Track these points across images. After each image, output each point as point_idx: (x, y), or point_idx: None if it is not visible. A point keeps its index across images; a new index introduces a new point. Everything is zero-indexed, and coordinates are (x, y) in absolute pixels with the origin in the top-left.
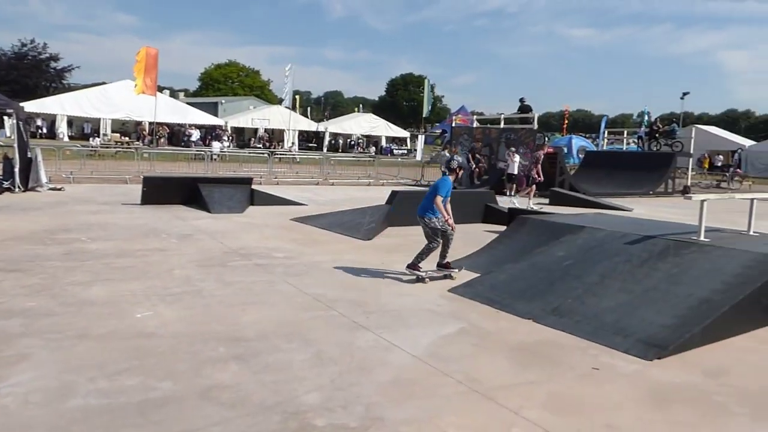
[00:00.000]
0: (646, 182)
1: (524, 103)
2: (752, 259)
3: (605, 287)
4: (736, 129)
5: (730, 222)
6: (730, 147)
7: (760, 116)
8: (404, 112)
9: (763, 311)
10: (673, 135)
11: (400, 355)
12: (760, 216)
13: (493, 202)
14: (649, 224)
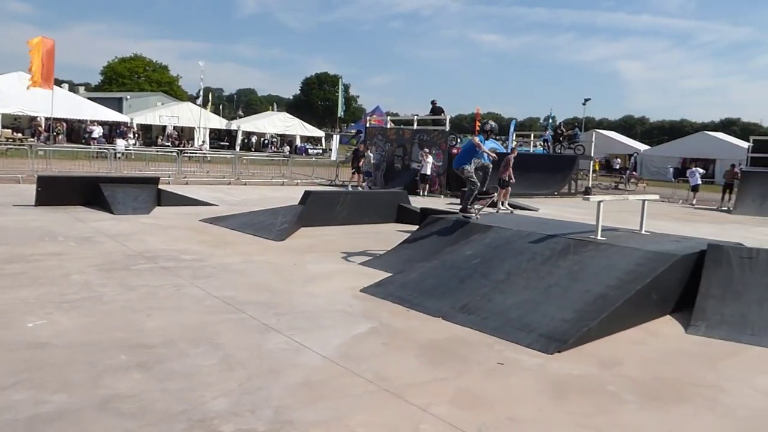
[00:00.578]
0: (552, 183)
1: (436, 105)
2: (643, 257)
3: (511, 284)
4: (632, 134)
5: (624, 221)
6: (627, 151)
7: (654, 122)
8: (319, 111)
9: (653, 305)
10: (576, 139)
11: (311, 357)
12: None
13: (406, 203)
14: (552, 224)
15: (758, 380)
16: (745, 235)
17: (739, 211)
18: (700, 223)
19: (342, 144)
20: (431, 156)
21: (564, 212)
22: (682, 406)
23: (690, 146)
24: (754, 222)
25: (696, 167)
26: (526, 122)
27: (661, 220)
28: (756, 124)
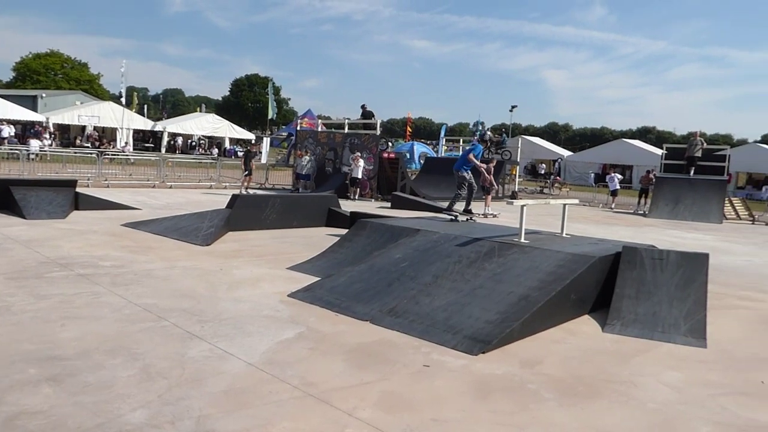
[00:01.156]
0: (480, 187)
1: (366, 109)
2: (563, 259)
3: (438, 287)
4: (556, 140)
5: (548, 224)
6: (551, 156)
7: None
8: (250, 113)
9: (572, 305)
10: (503, 144)
11: (236, 364)
12: (572, 219)
13: (336, 206)
14: (478, 227)
15: (666, 375)
16: (658, 237)
17: (654, 215)
18: (618, 226)
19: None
20: (362, 160)
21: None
22: (597, 402)
23: (609, 153)
24: (667, 225)
25: (615, 173)
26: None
27: (582, 223)
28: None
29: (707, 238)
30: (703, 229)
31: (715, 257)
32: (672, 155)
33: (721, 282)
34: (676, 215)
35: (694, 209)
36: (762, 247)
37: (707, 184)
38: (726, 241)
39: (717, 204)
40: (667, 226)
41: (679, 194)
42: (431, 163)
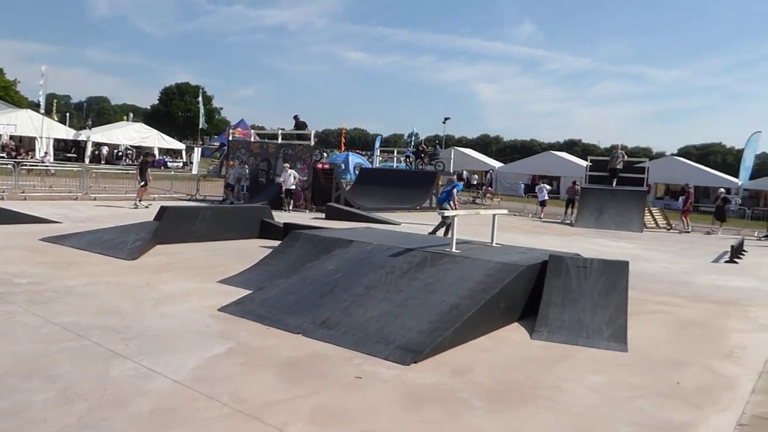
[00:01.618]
0: (414, 198)
1: (299, 119)
2: (492, 268)
3: (371, 298)
4: (488, 152)
5: (479, 234)
6: (483, 167)
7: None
8: (180, 122)
9: (502, 313)
10: (436, 155)
11: (162, 382)
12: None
13: (269, 218)
14: (412, 237)
15: (590, 379)
16: (584, 246)
17: (580, 224)
18: (547, 235)
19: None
20: (295, 170)
21: (424, 226)
22: (525, 408)
23: (538, 164)
24: (593, 234)
25: (543, 184)
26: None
27: (512, 232)
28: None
29: (629, 247)
30: (625, 238)
31: (636, 265)
32: (596, 167)
33: (641, 288)
34: (600, 224)
35: (617, 219)
36: (679, 255)
37: (628, 194)
38: (646, 249)
39: (638, 214)
40: (593, 235)
41: (603, 204)
42: (366, 174)
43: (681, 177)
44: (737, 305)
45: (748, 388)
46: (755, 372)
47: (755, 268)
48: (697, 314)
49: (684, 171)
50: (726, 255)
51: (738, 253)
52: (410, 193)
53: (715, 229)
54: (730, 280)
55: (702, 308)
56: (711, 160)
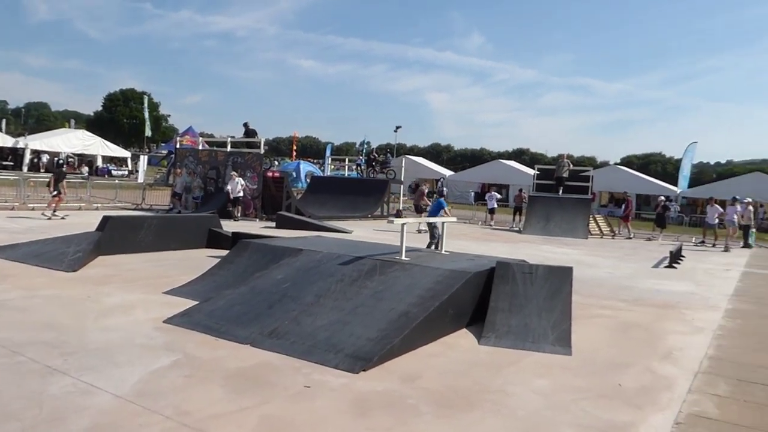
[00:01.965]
0: (365, 206)
1: (249, 127)
2: (441, 275)
3: (320, 306)
4: (439, 160)
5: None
6: (434, 176)
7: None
8: (125, 130)
9: (450, 320)
10: (387, 164)
11: (102, 398)
12: (453, 236)
13: (218, 227)
14: (362, 245)
15: (535, 383)
16: (531, 252)
17: (528, 231)
18: (496, 243)
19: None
20: (244, 179)
21: (375, 234)
22: (472, 413)
23: (488, 173)
24: (540, 240)
25: (493, 191)
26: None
27: (462, 240)
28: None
29: (574, 253)
30: (571, 244)
31: (581, 270)
32: (543, 175)
33: (585, 293)
34: (547, 231)
35: (563, 225)
36: (621, 260)
37: (574, 202)
38: (590, 255)
39: (583, 221)
40: (540, 242)
41: (549, 212)
42: (317, 183)
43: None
44: (675, 308)
45: (685, 387)
46: (691, 372)
47: (692, 273)
48: (638, 318)
49: (626, 179)
50: (665, 260)
51: (676, 258)
52: (362, 201)
53: (656, 235)
54: (668, 285)
55: (643, 312)
56: (652, 169)
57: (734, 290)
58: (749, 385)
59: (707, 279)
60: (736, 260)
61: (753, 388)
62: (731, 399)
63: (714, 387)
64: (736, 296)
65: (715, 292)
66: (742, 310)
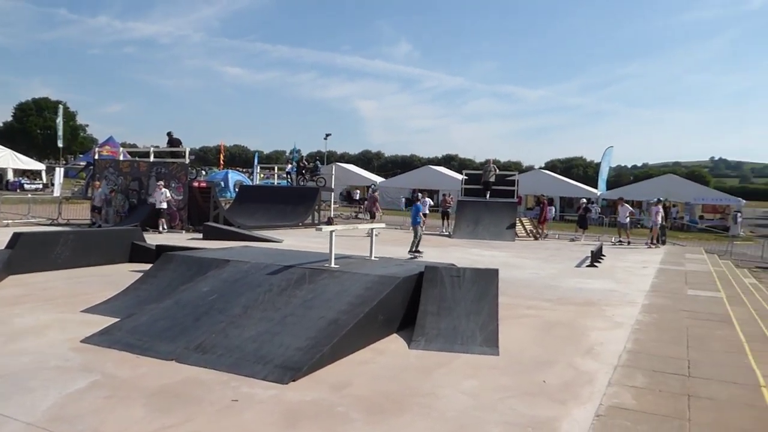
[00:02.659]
0: (296, 215)
1: (173, 136)
2: (371, 281)
3: (248, 318)
4: (370, 167)
5: (362, 248)
6: (365, 183)
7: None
8: (39, 141)
9: (380, 325)
10: (317, 171)
11: (12, 427)
12: (384, 242)
13: (141, 240)
14: (292, 254)
15: (464, 384)
16: (461, 256)
17: (457, 235)
18: (426, 247)
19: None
20: (168, 189)
21: (306, 242)
22: (402, 416)
23: (418, 178)
24: (469, 244)
25: (426, 197)
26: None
27: (394, 245)
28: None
29: (502, 255)
30: (498, 247)
31: (507, 272)
32: (471, 180)
33: (511, 294)
34: (476, 235)
35: (491, 229)
36: (546, 261)
37: (501, 206)
38: (517, 257)
39: (510, 224)
40: (469, 246)
41: (478, 216)
42: (246, 192)
43: (548, 189)
44: (596, 305)
45: (605, 381)
46: (611, 366)
47: (611, 271)
48: (561, 316)
49: (550, 183)
50: (587, 260)
51: (597, 257)
52: (292, 209)
53: (579, 236)
54: (590, 283)
55: (566, 310)
56: (574, 173)
57: (650, 286)
58: (664, 375)
59: (626, 276)
60: (653, 258)
61: (667, 379)
62: (648, 390)
63: (632, 379)
64: (652, 292)
65: (633, 288)
66: (658, 305)
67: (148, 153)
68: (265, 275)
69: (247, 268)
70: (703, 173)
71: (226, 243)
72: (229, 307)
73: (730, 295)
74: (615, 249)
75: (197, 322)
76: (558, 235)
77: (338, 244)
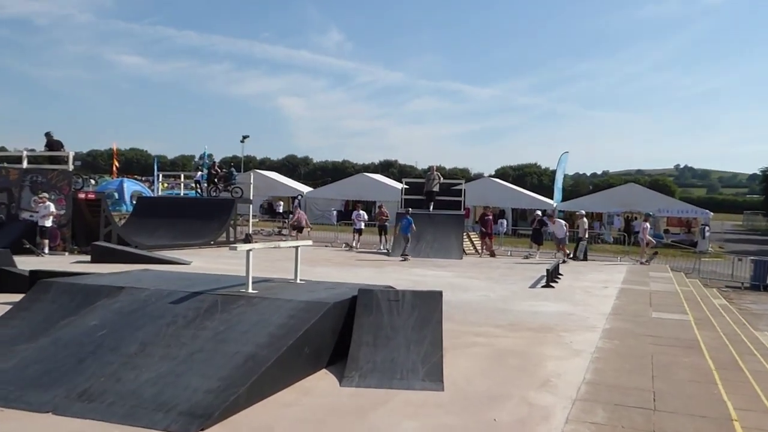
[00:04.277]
0: (207, 231)
1: (52, 138)
2: (295, 308)
3: (146, 356)
4: (296, 174)
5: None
6: (290, 193)
7: (317, 163)
8: None
9: (307, 360)
10: (232, 180)
11: None
12: (311, 262)
13: (10, 265)
14: (201, 278)
15: (404, 425)
16: (401, 277)
17: (396, 253)
18: (361, 267)
19: None
20: (51, 202)
21: (219, 264)
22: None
23: (352, 188)
24: (410, 263)
25: (362, 210)
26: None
27: (323, 266)
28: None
29: (447, 275)
30: (444, 266)
31: (454, 294)
32: (412, 190)
33: (458, 320)
34: (418, 252)
35: (435, 245)
36: (497, 282)
37: (446, 219)
38: (465, 277)
39: (456, 239)
40: (411, 265)
41: (420, 230)
42: (146, 205)
43: (498, 199)
44: (552, 331)
45: (563, 417)
46: (569, 400)
47: (569, 292)
48: (514, 344)
49: (501, 193)
50: (543, 280)
51: (553, 277)
52: (202, 225)
53: (533, 252)
54: (546, 306)
55: (519, 337)
56: (527, 181)
57: (612, 308)
58: (626, 409)
59: (585, 297)
60: (614, 276)
61: (630, 413)
62: (609, 426)
63: (592, 414)
64: (613, 315)
65: (592, 311)
66: (619, 329)
67: (20, 158)
68: (169, 304)
69: (146, 297)
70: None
71: (119, 266)
72: (122, 344)
73: (698, 317)
74: (574, 267)
75: (81, 364)
76: (510, 252)
77: (257, 266)
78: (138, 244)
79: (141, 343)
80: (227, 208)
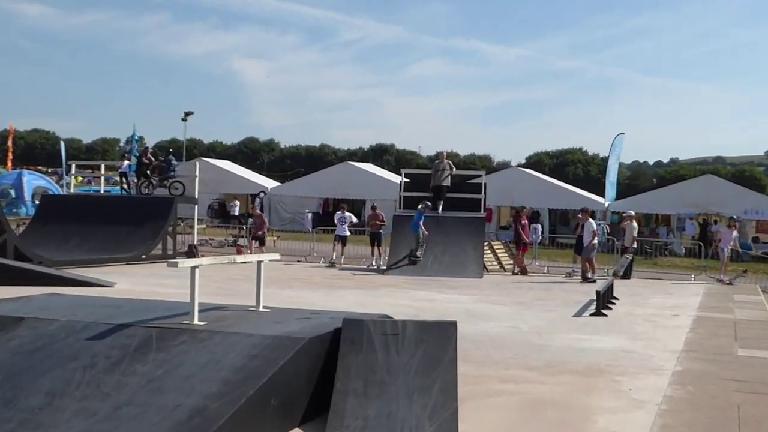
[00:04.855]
0: (137, 242)
1: None
2: (257, 345)
3: (55, 411)
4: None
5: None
6: (250, 189)
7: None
8: None
9: (273, 416)
10: (170, 171)
11: None
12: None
13: None
14: (129, 306)
15: None
16: (398, 302)
17: (394, 270)
18: (346, 289)
19: None
20: None
21: (155, 286)
22: None
23: (333, 182)
24: (412, 283)
25: (347, 212)
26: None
27: (295, 288)
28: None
29: (463, 299)
30: (458, 287)
31: (472, 325)
32: (414, 184)
33: (478, 360)
34: (422, 269)
35: (446, 259)
36: (529, 308)
37: (460, 223)
38: (486, 302)
39: (474, 250)
40: (412, 285)
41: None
42: (53, 206)
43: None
44: (605, 374)
45: None
46: None
47: (628, 321)
48: (553, 391)
49: (534, 187)
50: (591, 305)
51: (606, 301)
52: (129, 233)
53: (577, 269)
54: (596, 340)
55: (559, 382)
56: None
57: (684, 344)
58: None
59: (648, 329)
60: (687, 300)
61: None
62: None
63: None
64: (686, 353)
65: (658, 347)
66: (694, 372)
67: None
68: (85, 341)
69: (54, 331)
70: (757, 173)
71: (16, 289)
72: (21, 395)
73: None
74: (631, 287)
75: None
76: (547, 268)
77: (206, 288)
78: (42, 259)
79: (47, 394)
80: (164, 210)
